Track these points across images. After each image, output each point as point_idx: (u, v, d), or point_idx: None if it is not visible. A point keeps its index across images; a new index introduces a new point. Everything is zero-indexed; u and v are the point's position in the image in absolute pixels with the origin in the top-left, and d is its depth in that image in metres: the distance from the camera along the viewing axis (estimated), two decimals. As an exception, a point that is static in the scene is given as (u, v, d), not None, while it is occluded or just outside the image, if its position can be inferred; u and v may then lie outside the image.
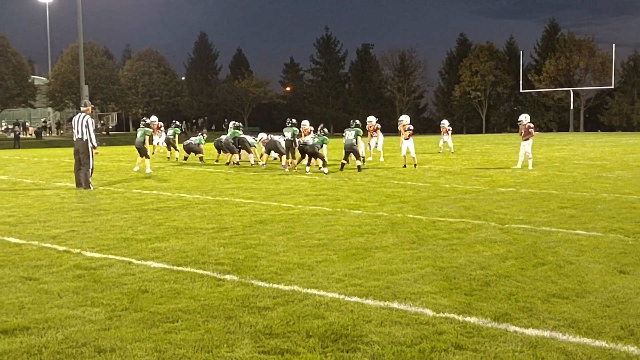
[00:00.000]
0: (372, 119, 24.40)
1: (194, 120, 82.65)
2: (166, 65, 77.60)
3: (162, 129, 27.32)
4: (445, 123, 28.86)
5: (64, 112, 75.26)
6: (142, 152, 18.90)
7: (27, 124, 70.95)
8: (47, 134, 69.11)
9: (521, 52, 79.29)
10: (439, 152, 27.77)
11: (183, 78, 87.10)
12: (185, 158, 23.22)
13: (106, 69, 69.04)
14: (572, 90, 75.41)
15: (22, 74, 61.52)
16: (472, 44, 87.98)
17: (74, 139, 14.62)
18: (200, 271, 6.51)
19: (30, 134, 65.31)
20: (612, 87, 72.89)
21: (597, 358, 4.23)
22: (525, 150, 19.69)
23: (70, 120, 77.89)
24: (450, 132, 28.68)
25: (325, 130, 19.77)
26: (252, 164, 21.02)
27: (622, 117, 76.73)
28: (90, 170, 14.46)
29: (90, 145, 14.41)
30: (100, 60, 68.58)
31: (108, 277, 6.28)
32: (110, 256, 7.23)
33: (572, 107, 75.12)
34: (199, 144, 22.92)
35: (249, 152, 21.44)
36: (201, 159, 22.64)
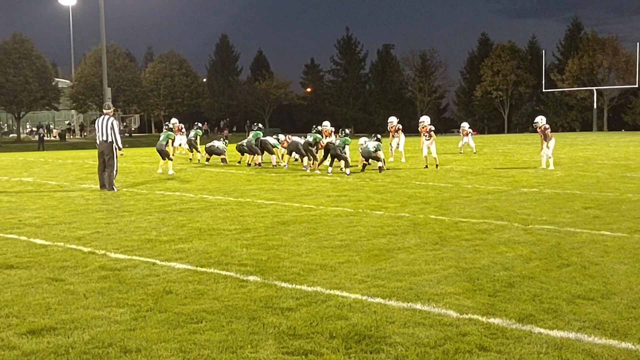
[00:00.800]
0: (393, 120, 24.40)
1: (214, 122, 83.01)
2: (188, 67, 78.04)
3: (184, 130, 27.37)
4: (465, 125, 28.58)
5: (87, 114, 76.03)
6: (164, 155, 19.03)
7: (51, 126, 71.80)
8: (71, 136, 69.90)
9: (543, 51, 78.69)
10: (460, 153, 27.60)
11: (204, 80, 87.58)
12: (207, 160, 23.31)
13: (128, 71, 69.60)
14: (596, 89, 74.59)
15: (46, 77, 62.21)
16: (494, 44, 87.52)
17: (98, 141, 14.74)
18: (224, 272, 6.55)
19: (54, 136, 66.08)
20: (637, 86, 71.89)
21: (623, 360, 4.19)
22: (545, 152, 19.47)
23: (94, 122, 78.81)
24: (470, 134, 28.30)
25: (347, 131, 19.78)
26: (273, 165, 21.06)
27: (647, 117, 75.79)
28: (114, 172, 14.58)
29: (115, 146, 14.52)
30: (123, 63, 69.14)
31: (133, 278, 6.34)
32: (134, 257, 7.29)
33: (595, 106, 74.30)
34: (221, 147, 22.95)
35: (272, 153, 21.50)
36: (224, 160, 22.69)
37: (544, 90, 75.61)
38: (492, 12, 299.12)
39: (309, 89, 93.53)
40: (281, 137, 22.62)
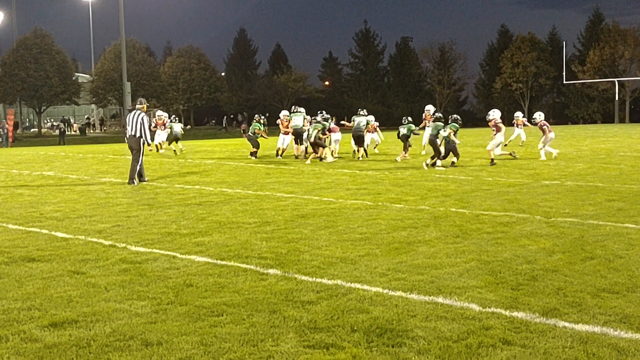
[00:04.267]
0: (430, 108, 23.90)
1: (232, 116, 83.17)
2: (206, 61, 78.25)
3: (167, 124, 26.69)
4: (519, 115, 26.55)
5: (107, 108, 76.55)
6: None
7: (71, 120, 72.39)
8: (91, 131, 70.42)
9: (564, 42, 77.77)
10: (520, 145, 26.32)
11: (223, 74, 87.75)
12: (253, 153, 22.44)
13: (148, 65, 69.89)
14: (617, 80, 73.67)
15: (66, 72, 62.70)
16: (514, 35, 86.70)
17: (127, 136, 14.85)
18: (244, 265, 6.54)
19: (75, 131, 66.63)
20: (659, 76, 71.07)
21: (651, 355, 4.11)
22: (540, 145, 19.53)
23: (114, 117, 79.55)
24: (524, 124, 26.56)
25: (410, 119, 21.75)
26: (295, 157, 21.28)
27: (670, 108, 74.79)
28: (137, 167, 14.64)
29: (143, 141, 14.63)
30: (142, 58, 69.45)
31: (153, 271, 6.34)
32: (154, 250, 7.30)
33: (617, 98, 73.40)
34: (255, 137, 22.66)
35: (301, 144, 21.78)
36: (254, 153, 22.10)
37: (564, 82, 74.80)
38: (512, 3, 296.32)
39: (327, 82, 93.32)
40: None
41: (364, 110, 23.31)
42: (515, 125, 26.66)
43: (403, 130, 21.59)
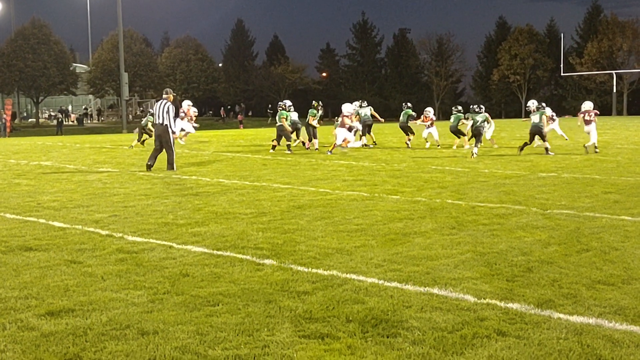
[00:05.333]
0: (430, 110, 24.20)
1: (229, 107, 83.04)
2: (204, 52, 78.06)
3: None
4: (548, 112, 25.14)
5: (105, 99, 76.40)
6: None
7: (69, 110, 72.25)
8: (88, 121, 70.28)
9: (562, 34, 77.79)
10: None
11: (220, 65, 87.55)
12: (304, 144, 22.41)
13: (145, 56, 69.74)
14: (615, 73, 73.68)
15: (64, 62, 62.56)
16: (512, 27, 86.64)
17: (155, 124, 15.64)
18: (240, 255, 6.55)
19: (72, 121, 66.50)
20: (657, 69, 71.08)
21: (644, 346, 4.14)
22: None
23: (111, 107, 79.38)
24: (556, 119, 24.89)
25: (459, 107, 22.12)
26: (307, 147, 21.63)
27: (667, 101, 74.83)
28: (173, 154, 15.39)
29: (169, 130, 15.25)
30: (139, 48, 69.28)
31: (150, 261, 6.36)
32: (151, 240, 7.31)
33: (614, 90, 73.44)
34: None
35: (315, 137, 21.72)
36: (288, 147, 21.43)
37: (562, 74, 74.83)
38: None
39: (324, 74, 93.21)
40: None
41: (365, 102, 23.50)
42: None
43: (402, 118, 22.01)
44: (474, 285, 5.46)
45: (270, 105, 71.03)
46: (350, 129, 20.62)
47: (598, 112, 20.45)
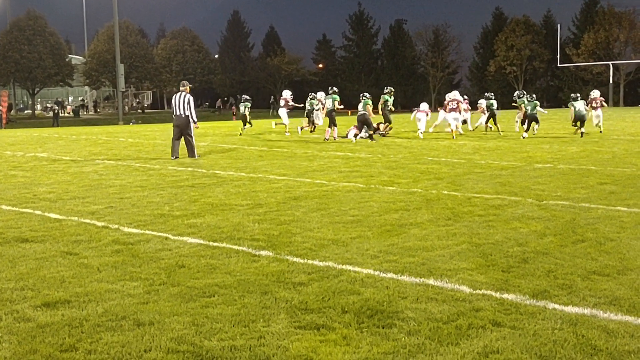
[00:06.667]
0: (456, 94, 24.99)
1: (225, 98, 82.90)
2: (199, 43, 77.81)
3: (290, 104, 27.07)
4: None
5: (101, 90, 76.19)
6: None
7: (65, 102, 72.04)
8: (85, 113, 70.12)
9: (559, 25, 77.60)
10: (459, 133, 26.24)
11: (216, 56, 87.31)
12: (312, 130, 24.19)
13: (141, 47, 69.52)
14: (612, 64, 73.64)
15: (59, 54, 62.35)
16: (508, 18, 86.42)
17: (174, 115, 16.33)
18: (236, 247, 6.55)
19: (68, 113, 66.33)
20: (653, 60, 71.01)
21: (639, 336, 4.15)
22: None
23: (107, 98, 79.17)
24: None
25: (534, 96, 23.63)
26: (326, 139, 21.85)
27: (664, 92, 74.84)
28: (193, 142, 16.22)
29: (191, 120, 16.02)
30: (135, 39, 69.06)
31: (146, 252, 6.36)
32: (147, 232, 7.31)
33: (611, 81, 73.35)
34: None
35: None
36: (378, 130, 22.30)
37: (559, 65, 74.76)
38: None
39: (320, 65, 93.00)
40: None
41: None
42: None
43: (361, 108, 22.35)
44: (470, 276, 5.47)
45: (272, 97, 70.96)
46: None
47: (604, 99, 24.77)
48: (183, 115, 16.05)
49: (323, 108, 23.93)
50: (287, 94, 27.16)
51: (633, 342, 4.06)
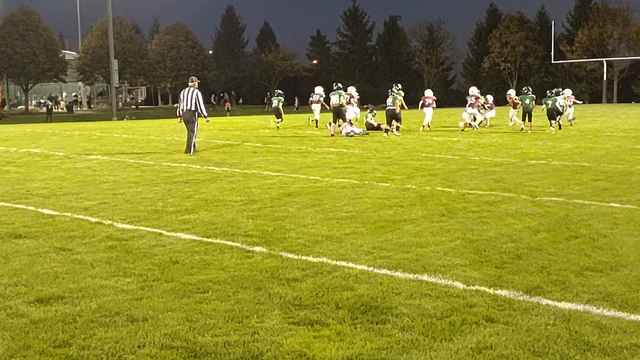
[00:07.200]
0: (511, 92, 25.91)
1: (221, 94, 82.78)
2: (193, 39, 77.59)
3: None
4: (512, 93, 28.60)
5: (94, 86, 75.92)
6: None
7: (58, 98, 71.77)
8: (78, 108, 69.86)
9: (553, 22, 77.80)
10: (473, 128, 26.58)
11: (210, 52, 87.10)
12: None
13: (135, 43, 69.28)
14: (606, 60, 73.84)
15: (53, 49, 62.03)
16: (502, 15, 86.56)
17: (182, 111, 16.48)
18: (230, 243, 6.55)
19: (62, 108, 66.07)
20: (647, 57, 71.14)
21: (632, 332, 4.17)
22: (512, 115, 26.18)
23: (101, 94, 78.90)
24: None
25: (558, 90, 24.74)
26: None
27: (658, 88, 75.05)
28: (194, 137, 16.31)
29: (202, 115, 16.41)
30: (129, 35, 68.81)
31: (139, 248, 6.35)
32: (141, 227, 7.30)
33: (605, 77, 73.59)
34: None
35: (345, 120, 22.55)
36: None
37: (552, 61, 74.94)
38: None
39: (315, 61, 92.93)
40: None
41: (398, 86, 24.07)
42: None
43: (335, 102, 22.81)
44: (463, 272, 5.48)
45: (268, 93, 70.78)
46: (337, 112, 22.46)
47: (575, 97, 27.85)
48: (190, 110, 16.29)
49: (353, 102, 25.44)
50: (320, 90, 28.23)
51: (626, 338, 4.07)
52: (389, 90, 22.86)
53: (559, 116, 23.63)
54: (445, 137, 21.31)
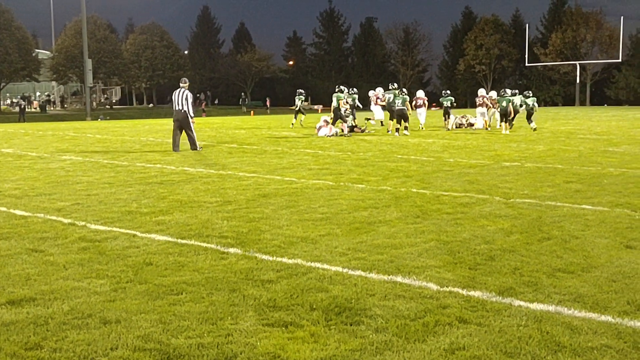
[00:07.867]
0: (492, 94, 26.82)
1: (197, 95, 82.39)
2: (169, 39, 77.23)
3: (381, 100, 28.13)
4: (492, 94, 28.92)
5: (68, 85, 75.13)
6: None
7: (31, 97, 70.88)
8: (51, 108, 69.07)
9: (527, 25, 78.63)
10: (487, 129, 26.89)
11: (186, 52, 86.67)
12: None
13: (109, 43, 68.77)
14: (579, 63, 74.83)
15: (26, 48, 61.35)
16: (478, 17, 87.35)
17: (174, 110, 17.29)
18: (204, 244, 6.52)
19: (35, 108, 65.26)
20: (620, 60, 72.24)
21: (602, 333, 4.23)
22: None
23: (75, 94, 78.12)
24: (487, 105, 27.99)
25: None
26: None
27: (629, 91, 76.22)
28: (194, 135, 17.15)
29: (188, 114, 16.94)
30: (104, 34, 68.28)
31: (113, 250, 6.29)
32: (114, 229, 7.23)
33: (578, 80, 74.58)
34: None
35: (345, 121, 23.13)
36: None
37: (527, 64, 75.75)
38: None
39: (291, 62, 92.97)
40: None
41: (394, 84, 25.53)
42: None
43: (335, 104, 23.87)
44: (437, 274, 5.52)
45: (243, 94, 70.60)
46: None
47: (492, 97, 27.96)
48: (182, 110, 16.95)
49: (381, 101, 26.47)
50: (380, 90, 28.71)
51: (596, 339, 4.13)
52: (396, 91, 23.86)
53: (513, 116, 24.91)
54: (421, 138, 21.43)
